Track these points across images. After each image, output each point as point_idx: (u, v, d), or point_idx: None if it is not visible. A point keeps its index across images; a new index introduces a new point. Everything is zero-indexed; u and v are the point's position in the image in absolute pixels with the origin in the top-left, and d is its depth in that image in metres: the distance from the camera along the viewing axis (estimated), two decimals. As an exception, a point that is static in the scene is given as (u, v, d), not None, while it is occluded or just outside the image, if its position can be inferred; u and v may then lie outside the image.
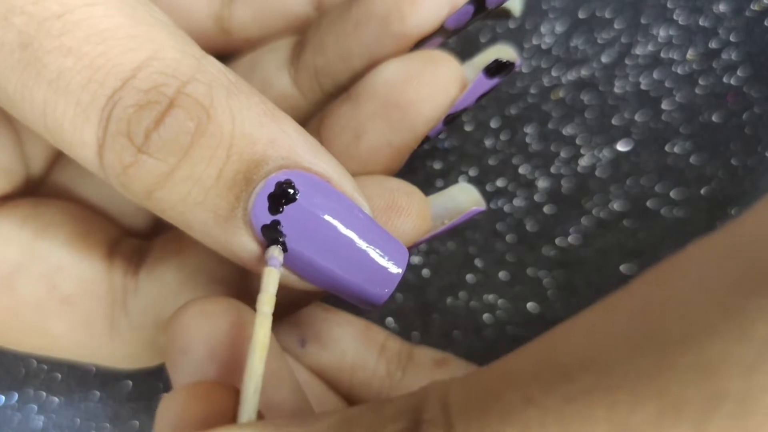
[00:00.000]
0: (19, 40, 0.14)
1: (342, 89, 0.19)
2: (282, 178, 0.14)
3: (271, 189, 0.14)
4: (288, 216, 0.14)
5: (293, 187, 0.14)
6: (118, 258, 0.18)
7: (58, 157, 0.20)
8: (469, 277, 0.24)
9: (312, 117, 0.20)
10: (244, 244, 0.14)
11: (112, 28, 0.14)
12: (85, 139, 0.14)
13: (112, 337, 0.18)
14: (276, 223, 0.14)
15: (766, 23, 0.25)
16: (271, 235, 0.14)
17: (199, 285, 0.17)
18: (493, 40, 0.26)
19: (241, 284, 0.17)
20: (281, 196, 0.14)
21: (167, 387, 0.24)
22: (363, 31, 0.18)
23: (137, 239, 0.19)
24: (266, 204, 0.14)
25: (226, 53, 0.21)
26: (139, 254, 0.18)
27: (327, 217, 0.14)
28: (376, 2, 0.18)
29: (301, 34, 0.20)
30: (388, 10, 0.18)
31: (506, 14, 0.20)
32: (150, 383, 0.24)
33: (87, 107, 0.14)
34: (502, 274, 0.24)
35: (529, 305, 0.24)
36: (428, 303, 0.24)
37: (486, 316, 0.24)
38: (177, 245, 0.18)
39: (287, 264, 0.15)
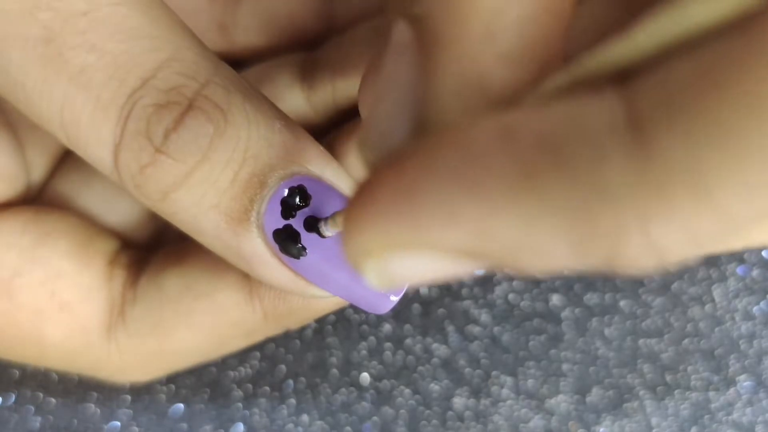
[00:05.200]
0: (43, 35, 0.14)
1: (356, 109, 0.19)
2: (294, 184, 0.14)
3: (284, 194, 0.14)
4: (299, 221, 0.14)
5: (305, 193, 0.14)
6: (118, 268, 0.18)
7: (59, 166, 0.20)
8: (468, 277, 0.24)
9: (321, 133, 0.20)
10: (255, 248, 0.14)
11: (135, 28, 0.14)
12: (102, 138, 0.14)
13: (108, 346, 0.18)
14: (288, 227, 0.14)
15: None
16: (286, 238, 0.14)
17: (200, 295, 0.17)
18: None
19: (243, 293, 0.17)
20: (293, 201, 0.14)
21: (167, 387, 0.24)
22: None
23: (137, 251, 0.19)
24: (279, 208, 0.14)
25: (229, 62, 0.21)
26: (139, 265, 0.18)
27: None
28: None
29: (310, 48, 0.20)
30: None
31: None
32: (148, 384, 0.24)
33: (107, 104, 0.14)
34: (500, 274, 0.24)
35: (528, 306, 0.24)
36: (427, 303, 0.24)
37: (485, 316, 0.24)
38: (178, 256, 0.18)
39: (298, 270, 0.15)
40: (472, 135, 0.09)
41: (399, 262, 0.10)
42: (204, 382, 0.24)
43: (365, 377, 0.24)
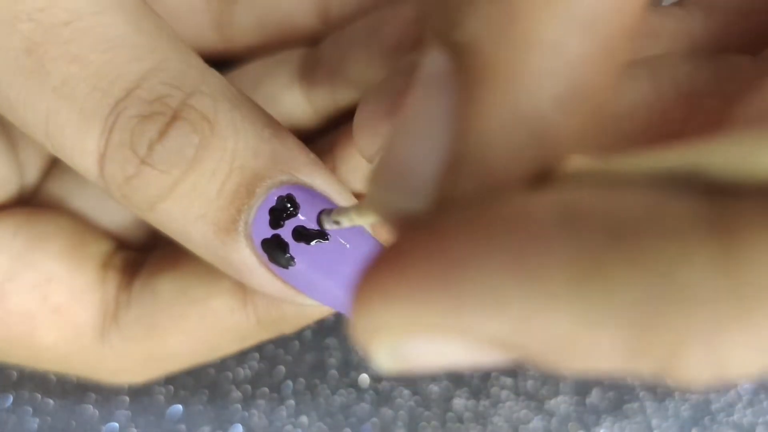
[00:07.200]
0: (24, 46, 0.14)
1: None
2: (283, 193, 0.14)
3: (273, 203, 0.14)
4: (288, 231, 0.14)
5: (294, 202, 0.14)
6: (111, 270, 0.18)
7: (51, 167, 0.20)
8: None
9: (320, 131, 0.20)
10: (243, 257, 0.14)
11: (118, 37, 0.14)
12: (87, 148, 0.14)
13: (102, 349, 0.18)
14: (277, 237, 0.14)
15: None
16: (275, 247, 0.14)
17: (194, 300, 0.17)
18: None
19: (237, 299, 0.17)
20: (282, 211, 0.14)
21: (165, 388, 0.24)
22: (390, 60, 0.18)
23: (131, 252, 0.19)
24: (267, 218, 0.14)
25: (226, 59, 0.21)
26: (133, 267, 0.18)
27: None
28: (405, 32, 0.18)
29: (308, 45, 0.20)
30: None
31: None
32: (147, 385, 0.24)
33: (90, 115, 0.14)
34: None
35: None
36: (426, 304, 0.24)
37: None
38: (172, 259, 0.18)
39: (287, 279, 0.15)
40: (530, 212, 0.08)
41: (419, 345, 0.08)
42: (202, 384, 0.24)
43: (364, 378, 0.24)
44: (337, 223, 0.13)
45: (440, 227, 0.08)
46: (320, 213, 0.14)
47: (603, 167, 0.09)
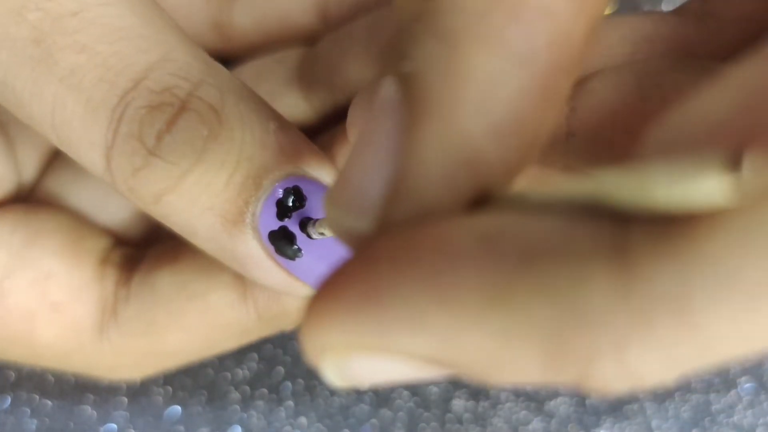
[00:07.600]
0: (32, 36, 0.14)
1: None
2: (290, 185, 0.14)
3: (279, 195, 0.14)
4: (295, 222, 0.14)
5: (300, 194, 0.14)
6: (109, 266, 0.18)
7: (49, 164, 0.20)
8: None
9: (319, 129, 0.20)
10: (250, 249, 0.14)
11: (125, 28, 0.14)
12: (94, 140, 0.14)
13: (101, 345, 0.18)
14: (284, 228, 0.14)
15: None
16: (282, 239, 0.14)
17: (193, 296, 0.17)
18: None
19: (237, 293, 0.17)
20: (289, 202, 0.14)
21: (163, 389, 0.24)
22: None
23: (130, 248, 0.19)
24: (274, 210, 0.14)
25: (225, 58, 0.21)
26: (132, 263, 0.18)
27: None
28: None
29: (307, 44, 0.20)
30: None
31: None
32: (145, 386, 0.24)
33: (97, 106, 0.14)
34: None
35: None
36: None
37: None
38: (171, 254, 0.18)
39: (293, 271, 0.15)
40: (451, 236, 0.09)
41: (361, 363, 0.09)
42: (201, 384, 0.24)
43: (363, 379, 0.24)
44: (322, 234, 0.14)
45: (373, 251, 0.09)
46: (306, 223, 0.14)
47: (528, 193, 0.09)
